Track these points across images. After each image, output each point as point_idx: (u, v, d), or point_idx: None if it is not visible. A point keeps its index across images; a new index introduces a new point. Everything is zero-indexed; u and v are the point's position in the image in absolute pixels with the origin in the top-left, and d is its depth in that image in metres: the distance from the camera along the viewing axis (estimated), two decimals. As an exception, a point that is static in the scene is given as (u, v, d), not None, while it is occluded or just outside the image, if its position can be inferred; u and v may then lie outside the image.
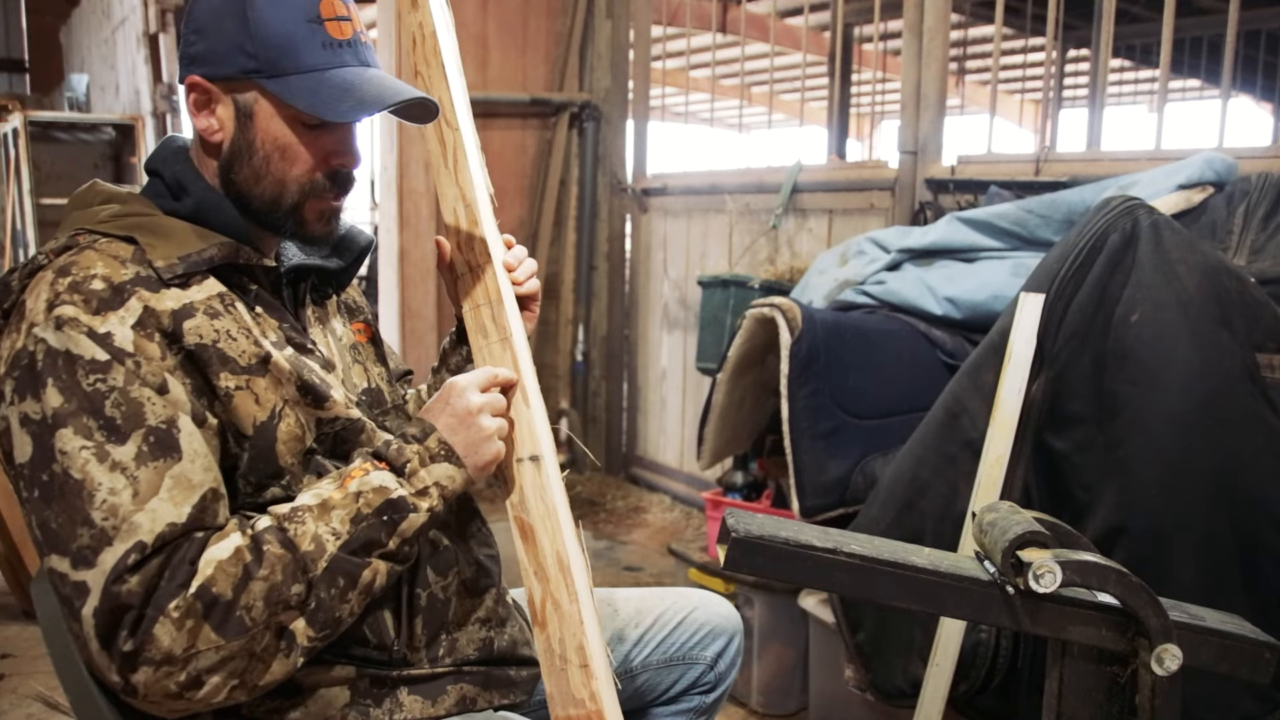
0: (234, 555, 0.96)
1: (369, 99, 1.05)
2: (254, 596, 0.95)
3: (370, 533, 1.02)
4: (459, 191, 1.20)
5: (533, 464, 1.12)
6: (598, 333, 4.59)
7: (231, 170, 1.10)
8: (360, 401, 1.19)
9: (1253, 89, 7.27)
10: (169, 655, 0.92)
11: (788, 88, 7.87)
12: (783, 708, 2.50)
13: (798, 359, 2.20)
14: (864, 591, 1.04)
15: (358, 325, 1.29)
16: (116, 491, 0.93)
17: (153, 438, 0.95)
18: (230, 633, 0.94)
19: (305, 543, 0.99)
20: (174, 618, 0.92)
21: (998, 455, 1.74)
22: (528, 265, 1.26)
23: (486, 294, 1.18)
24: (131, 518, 0.92)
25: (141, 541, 0.92)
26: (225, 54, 1.06)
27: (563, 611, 1.07)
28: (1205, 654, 1.05)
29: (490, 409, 1.11)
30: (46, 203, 5.80)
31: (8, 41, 9.86)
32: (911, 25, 2.99)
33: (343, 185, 1.14)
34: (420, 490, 1.06)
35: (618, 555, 3.65)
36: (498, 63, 4.30)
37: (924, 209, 2.92)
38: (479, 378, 1.12)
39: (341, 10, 1.09)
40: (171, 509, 0.95)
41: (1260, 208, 1.97)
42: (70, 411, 0.94)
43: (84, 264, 1.00)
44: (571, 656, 1.06)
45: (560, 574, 1.08)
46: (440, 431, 1.09)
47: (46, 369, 0.95)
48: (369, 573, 1.03)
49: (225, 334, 1.03)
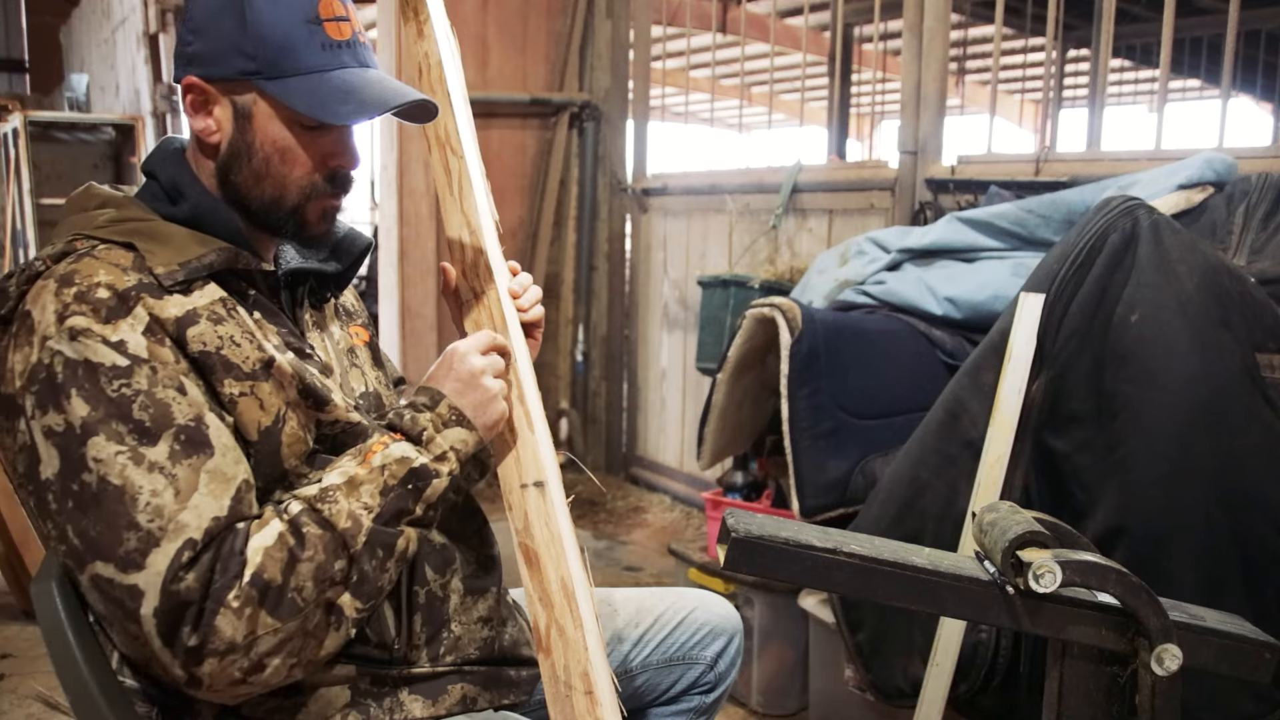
0: (278, 541, 0.98)
1: (370, 101, 1.05)
2: (303, 578, 0.98)
3: (399, 502, 1.05)
4: (464, 219, 1.21)
5: (537, 490, 1.13)
6: (598, 333, 4.59)
7: (230, 172, 1.10)
8: (359, 405, 1.19)
9: (1253, 89, 7.27)
10: (232, 644, 0.94)
11: (788, 88, 7.87)
12: (783, 708, 2.50)
13: (798, 359, 2.20)
14: (864, 591, 1.04)
15: (355, 328, 1.29)
16: (159, 492, 0.94)
17: (183, 436, 0.96)
18: (285, 614, 0.96)
19: (342, 520, 1.01)
20: (234, 608, 0.94)
21: (998, 455, 1.74)
22: (533, 293, 1.27)
23: (491, 320, 1.20)
24: (178, 516, 0.94)
25: (192, 539, 0.94)
26: (223, 55, 1.05)
27: (567, 638, 1.07)
28: (1205, 654, 1.05)
29: (491, 370, 1.14)
30: (46, 203, 5.79)
31: (8, 41, 9.86)
32: (911, 25, 2.99)
33: (342, 186, 1.13)
34: (439, 455, 1.09)
35: (618, 555, 3.65)
36: (497, 62, 4.30)
37: (924, 209, 2.92)
38: (478, 341, 1.15)
39: (340, 11, 1.08)
40: (213, 503, 0.96)
41: (1260, 208, 1.97)
42: (99, 419, 0.94)
43: (86, 272, 0.99)
44: (576, 684, 1.06)
45: (565, 600, 1.08)
46: (449, 397, 1.11)
47: (68, 380, 0.94)
48: (403, 541, 1.05)
49: (229, 340, 1.03)
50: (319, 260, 1.22)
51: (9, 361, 0.99)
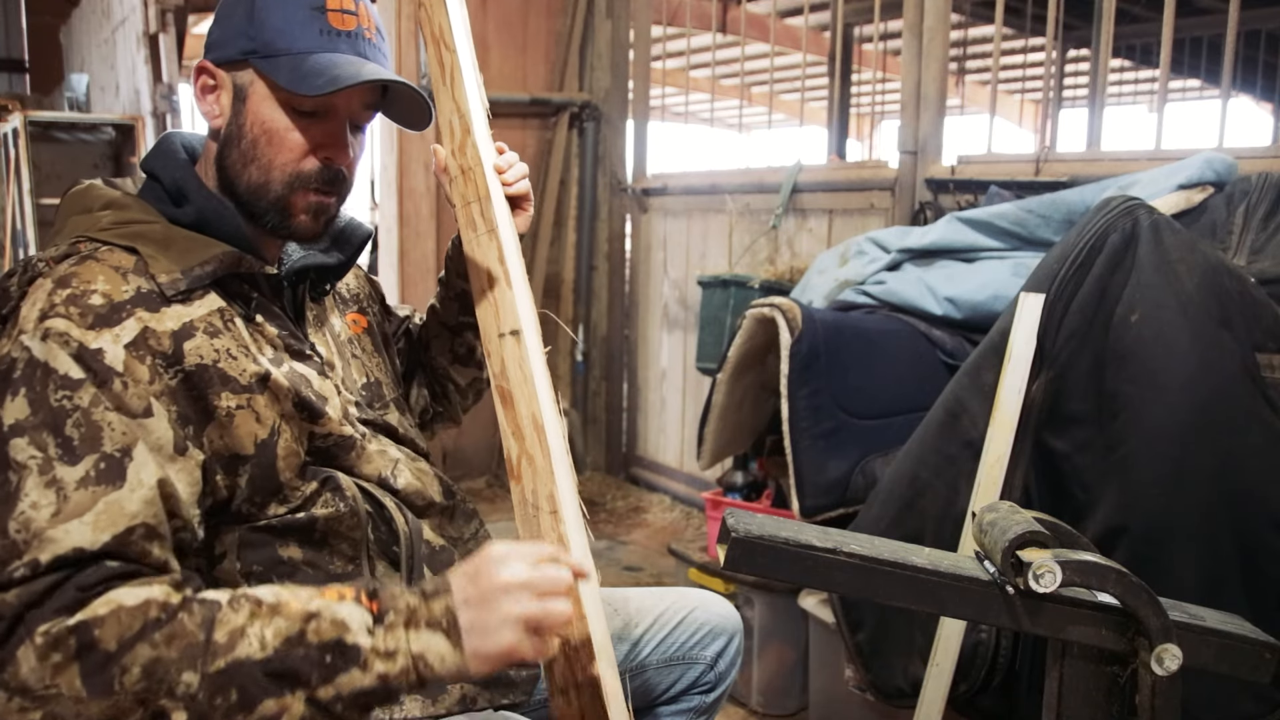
0: (139, 607, 0.86)
1: (343, 77, 1.04)
2: (136, 660, 0.83)
3: (300, 665, 0.86)
4: (454, 105, 1.27)
5: (513, 338, 1.18)
6: (598, 333, 4.59)
7: (224, 156, 1.10)
8: (360, 400, 1.19)
9: (1253, 89, 7.27)
10: (24, 686, 0.82)
11: (788, 88, 7.87)
12: (783, 708, 2.50)
13: (798, 359, 2.20)
14: (864, 591, 1.04)
15: (352, 316, 1.29)
16: (38, 506, 0.87)
17: (103, 464, 0.91)
18: (95, 689, 0.82)
19: (222, 632, 0.86)
20: (38, 645, 0.82)
21: (998, 455, 1.74)
22: (518, 168, 1.28)
23: (476, 192, 1.24)
24: (43, 534, 0.86)
25: (36, 559, 0.85)
26: (230, 38, 1.08)
27: (536, 465, 1.12)
28: (1205, 654, 1.05)
29: (528, 590, 0.91)
30: (46, 203, 5.79)
31: (8, 41, 9.85)
32: (911, 25, 2.99)
33: (331, 182, 1.12)
34: (387, 652, 0.89)
35: (618, 555, 3.65)
36: (497, 63, 4.30)
37: (924, 209, 2.92)
38: (527, 550, 0.94)
39: (348, 5, 1.09)
40: (88, 534, 0.87)
41: (1260, 208, 1.97)
42: (32, 425, 0.90)
43: (85, 276, 0.98)
44: (543, 504, 1.11)
45: (535, 433, 1.13)
46: (453, 597, 0.92)
47: (22, 378, 0.93)
48: (274, 705, 0.86)
49: (225, 353, 1.02)
50: (321, 251, 1.22)
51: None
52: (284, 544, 1.08)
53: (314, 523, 1.08)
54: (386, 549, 1.14)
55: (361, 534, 1.12)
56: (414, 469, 1.21)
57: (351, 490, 1.11)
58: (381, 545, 1.14)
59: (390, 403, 1.27)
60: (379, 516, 1.14)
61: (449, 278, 1.41)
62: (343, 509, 1.10)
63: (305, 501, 1.09)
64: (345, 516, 1.10)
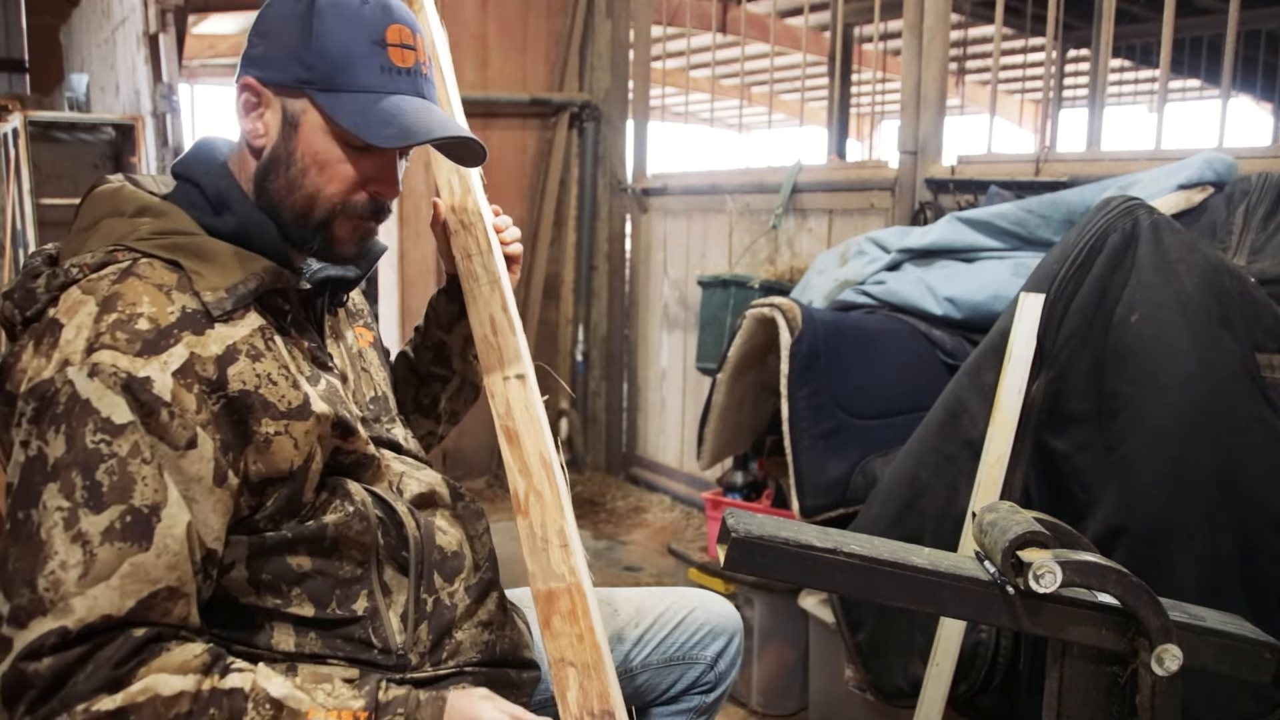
0: (174, 698, 0.91)
1: (415, 129, 1.03)
2: None
3: None
4: (453, 164, 1.30)
5: (518, 381, 1.23)
6: (598, 333, 4.59)
7: (267, 178, 1.08)
8: (367, 415, 1.20)
9: (1253, 89, 7.27)
10: None
11: (788, 88, 7.87)
12: (783, 708, 2.50)
13: (798, 359, 2.20)
14: (864, 591, 1.04)
15: (360, 329, 1.30)
16: (67, 566, 0.89)
17: (129, 517, 0.92)
18: None
19: None
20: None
21: (998, 455, 1.74)
22: (514, 230, 1.34)
23: (478, 245, 1.30)
24: (71, 599, 0.89)
25: (66, 627, 0.88)
26: (282, 61, 1.05)
27: (544, 500, 1.17)
28: (1205, 654, 1.05)
29: None
30: (46, 203, 5.78)
31: (8, 41, 9.85)
32: (911, 25, 2.99)
33: (376, 213, 1.12)
34: None
35: (618, 555, 3.65)
36: (498, 63, 4.30)
37: (924, 209, 2.92)
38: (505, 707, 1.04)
39: (408, 39, 1.07)
40: (115, 599, 0.90)
41: (1260, 208, 1.97)
42: (65, 464, 0.91)
43: (130, 298, 0.97)
44: (552, 538, 1.16)
45: (543, 470, 1.19)
46: None
47: (64, 414, 0.92)
48: None
49: (266, 378, 1.02)
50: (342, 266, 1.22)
51: (22, 361, 0.98)
52: (294, 553, 1.07)
53: (324, 530, 1.08)
54: (396, 554, 1.14)
55: (371, 538, 1.12)
56: (419, 479, 1.21)
57: (360, 495, 1.11)
58: (391, 550, 1.14)
59: (396, 417, 1.27)
60: (389, 521, 1.14)
61: (429, 327, 1.41)
62: (351, 513, 1.10)
63: (315, 510, 1.08)
64: (354, 521, 1.10)
